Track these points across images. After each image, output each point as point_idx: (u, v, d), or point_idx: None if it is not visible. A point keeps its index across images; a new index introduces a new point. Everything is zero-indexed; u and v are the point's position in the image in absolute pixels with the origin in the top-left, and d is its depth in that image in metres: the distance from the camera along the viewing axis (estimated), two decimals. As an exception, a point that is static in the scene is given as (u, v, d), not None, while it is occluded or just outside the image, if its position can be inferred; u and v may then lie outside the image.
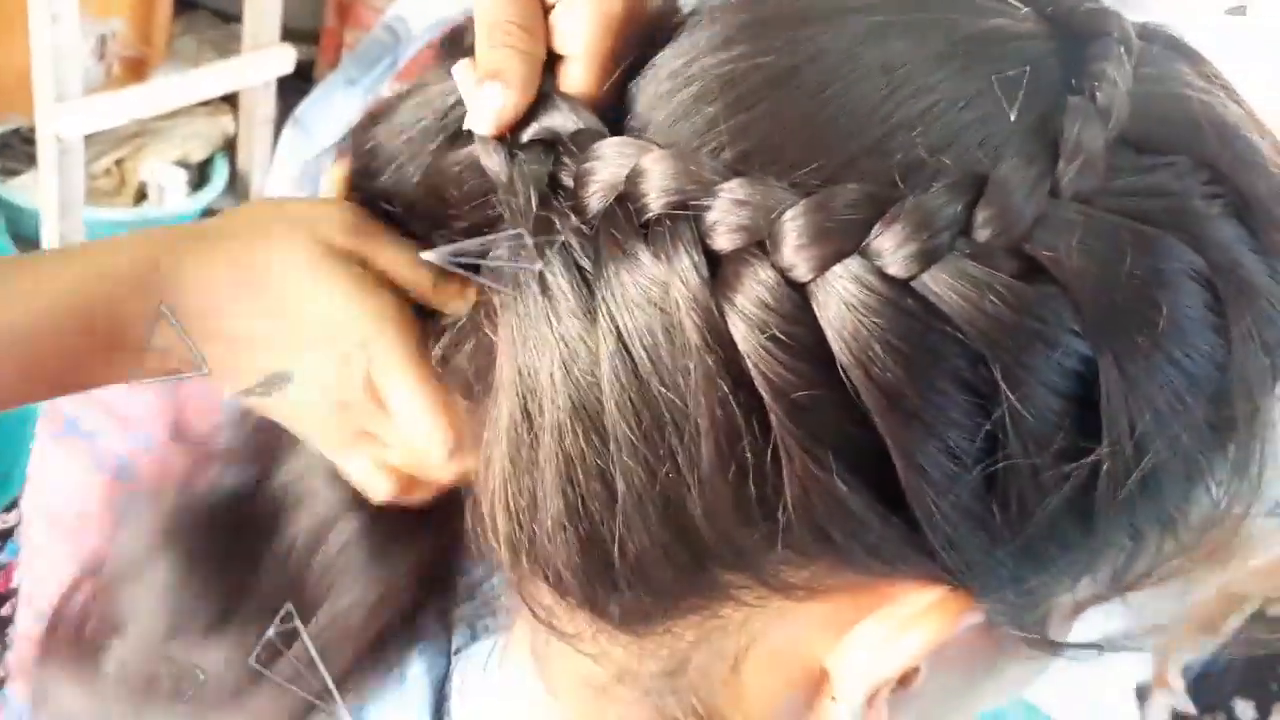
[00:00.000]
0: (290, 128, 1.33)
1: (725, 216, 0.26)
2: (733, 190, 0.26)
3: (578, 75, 0.31)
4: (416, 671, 0.41)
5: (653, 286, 0.26)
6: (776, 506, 0.26)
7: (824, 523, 0.26)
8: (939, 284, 0.25)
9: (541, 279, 0.28)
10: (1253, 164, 0.28)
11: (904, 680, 0.29)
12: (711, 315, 0.26)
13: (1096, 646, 0.31)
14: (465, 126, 0.32)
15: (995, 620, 0.28)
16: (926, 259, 0.24)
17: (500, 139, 0.31)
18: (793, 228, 0.25)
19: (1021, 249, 0.25)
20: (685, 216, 0.26)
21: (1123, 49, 0.28)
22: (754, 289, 0.25)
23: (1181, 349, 0.26)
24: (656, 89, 0.30)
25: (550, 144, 0.30)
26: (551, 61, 0.32)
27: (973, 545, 0.26)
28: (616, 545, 0.28)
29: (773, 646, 0.30)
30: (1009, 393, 0.25)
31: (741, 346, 0.25)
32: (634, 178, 0.27)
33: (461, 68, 0.32)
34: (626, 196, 0.27)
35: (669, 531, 0.27)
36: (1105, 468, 0.26)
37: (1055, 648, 0.30)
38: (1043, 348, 0.25)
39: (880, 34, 0.28)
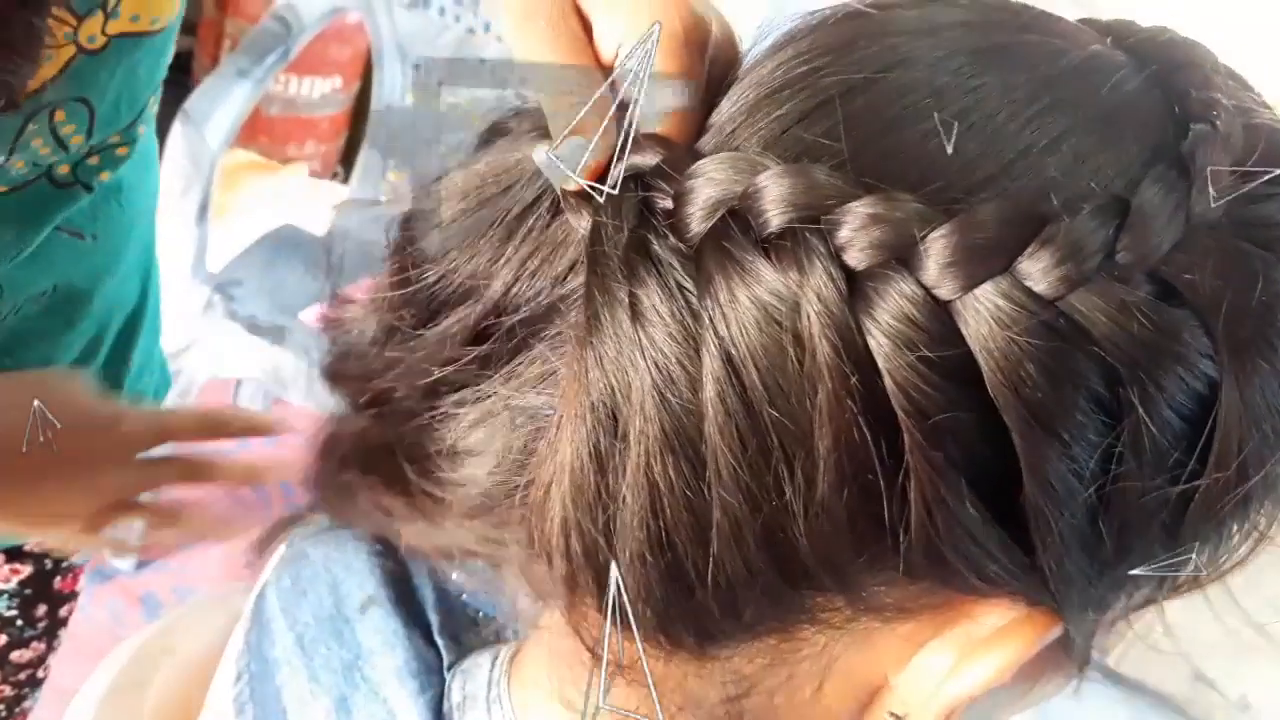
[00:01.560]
0: (180, 122, 1.27)
1: (861, 233, 0.25)
2: (865, 205, 0.25)
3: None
4: (403, 695, 0.39)
5: (776, 303, 0.25)
6: (889, 529, 0.25)
7: (943, 544, 0.26)
8: (1086, 304, 0.25)
9: (632, 303, 0.26)
10: None
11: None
12: (849, 332, 0.25)
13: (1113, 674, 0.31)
14: (558, 189, 0.30)
15: (1071, 639, 0.28)
16: (1076, 281, 0.25)
17: (587, 194, 0.29)
18: (941, 245, 0.25)
19: (1159, 273, 0.25)
20: (817, 231, 0.25)
21: (1220, 81, 0.29)
22: (897, 306, 0.25)
23: None
24: (742, 111, 0.29)
25: (638, 178, 0.29)
26: (624, 111, 0.31)
27: (1077, 565, 0.26)
28: (705, 575, 0.27)
29: (848, 668, 0.29)
30: (1142, 412, 0.25)
31: (884, 365, 0.25)
32: (751, 194, 0.26)
33: (538, 149, 0.31)
34: (741, 212, 0.26)
35: (765, 558, 0.26)
36: (1204, 487, 0.26)
37: (1092, 663, 0.30)
38: (1178, 369, 0.25)
39: (983, 57, 0.28)
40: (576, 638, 0.30)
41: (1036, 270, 0.25)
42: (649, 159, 0.29)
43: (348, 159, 2.12)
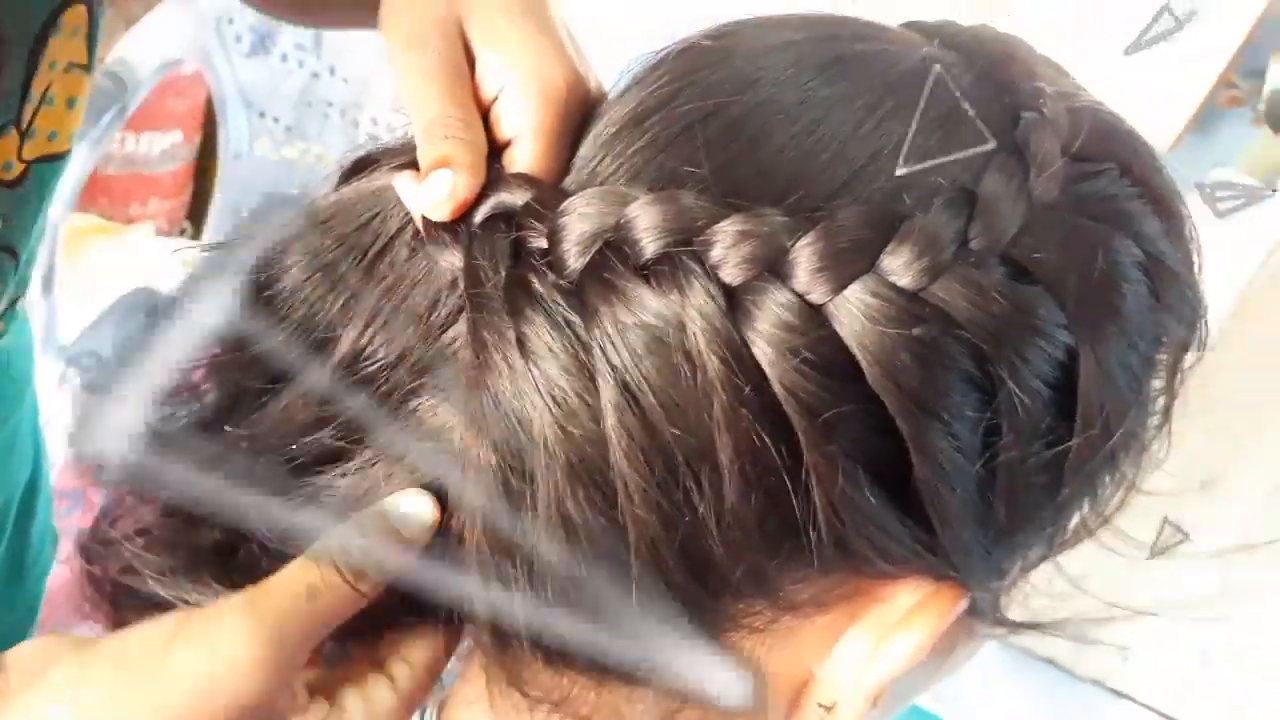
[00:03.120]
0: (12, 189, 1.21)
1: (732, 250, 0.26)
2: (734, 224, 0.26)
3: (526, 153, 0.31)
4: None
5: (661, 326, 0.26)
6: (800, 527, 0.26)
7: (849, 535, 0.27)
8: (947, 292, 0.26)
9: (520, 342, 0.27)
10: (1156, 165, 0.32)
11: None
12: (734, 345, 0.26)
13: (1038, 625, 0.32)
14: (419, 220, 0.30)
15: (977, 605, 0.29)
16: (936, 271, 0.26)
17: (453, 229, 0.30)
18: (807, 254, 0.26)
19: (1009, 255, 0.27)
20: (691, 253, 0.26)
21: (1043, 71, 0.31)
22: (775, 315, 0.26)
23: (1137, 333, 0.29)
24: (604, 145, 0.30)
25: (508, 217, 0.29)
26: (496, 152, 0.31)
27: (974, 536, 0.28)
28: (630, 600, 0.27)
29: (773, 668, 0.30)
30: (1012, 385, 0.26)
31: (770, 372, 0.26)
32: (623, 224, 0.27)
33: (402, 177, 0.30)
34: (617, 243, 0.27)
35: (685, 574, 0.27)
36: (1076, 447, 0.28)
37: (1011, 626, 0.31)
38: (1038, 341, 0.27)
39: (826, 71, 0.30)
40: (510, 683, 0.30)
41: (898, 266, 0.26)
42: (517, 197, 0.29)
43: (195, 214, 2.06)
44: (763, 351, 0.26)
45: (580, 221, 0.28)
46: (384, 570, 0.29)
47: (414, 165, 0.31)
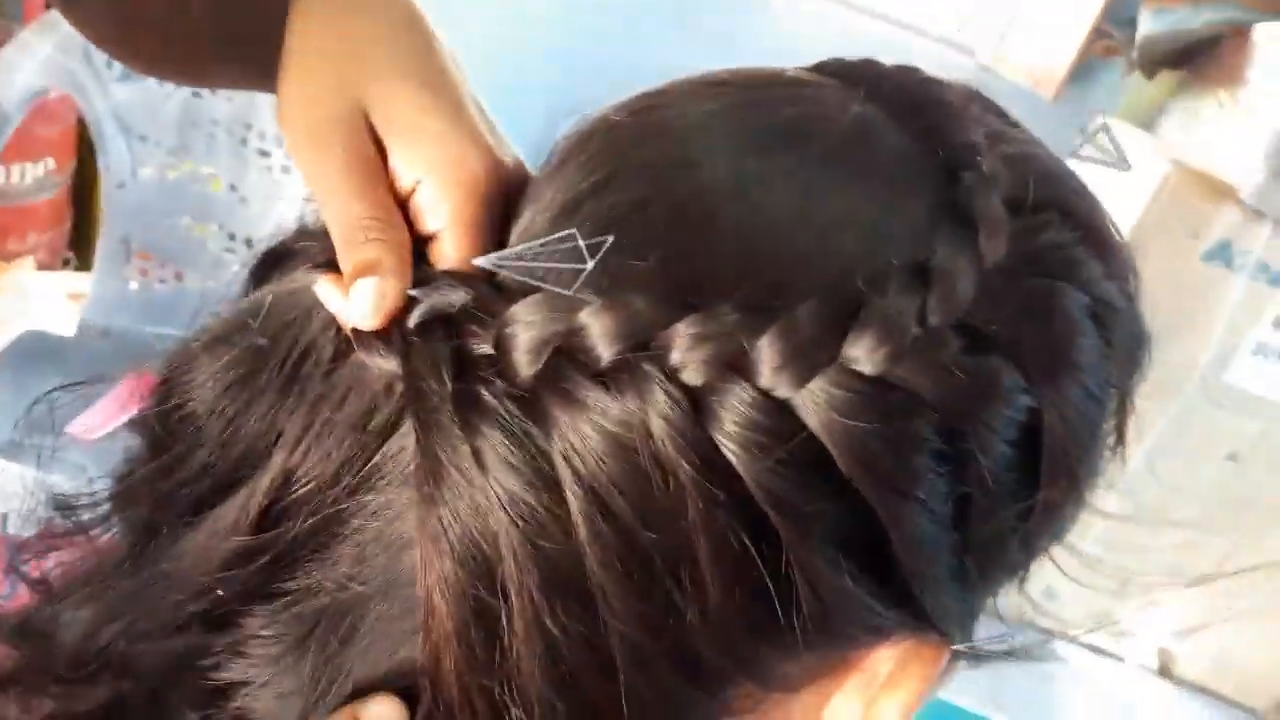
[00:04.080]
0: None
1: (690, 353, 0.26)
2: (690, 326, 0.26)
3: (451, 247, 0.30)
4: None
5: (625, 432, 0.25)
6: (784, 612, 0.26)
7: (834, 617, 0.27)
8: (911, 373, 0.26)
9: (476, 456, 0.26)
10: (1092, 202, 0.32)
11: None
12: (704, 448, 0.25)
13: (1009, 654, 0.33)
14: (348, 329, 0.29)
15: (957, 650, 0.30)
16: (898, 354, 0.26)
17: (385, 335, 0.28)
18: (769, 353, 0.26)
19: (965, 324, 0.27)
20: (648, 357, 0.26)
21: (972, 115, 0.31)
22: (741, 414, 0.25)
23: (1093, 380, 0.29)
24: (537, 237, 0.28)
25: (445, 320, 0.28)
26: (419, 245, 0.30)
27: (951, 595, 0.28)
28: (620, 705, 0.26)
29: None
30: (980, 455, 0.27)
31: (743, 472, 0.25)
32: (575, 331, 0.26)
33: (324, 283, 0.29)
34: (569, 350, 0.26)
35: (675, 675, 0.27)
36: (1044, 497, 0.28)
37: (982, 658, 0.32)
38: (1001, 409, 0.27)
39: (759, 145, 0.29)
40: None
41: (860, 354, 0.26)
42: (453, 299, 0.28)
43: (76, 243, 1.97)
44: (733, 452, 0.25)
45: (528, 329, 0.27)
46: None
47: (331, 262, 0.30)
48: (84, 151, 1.84)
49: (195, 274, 1.36)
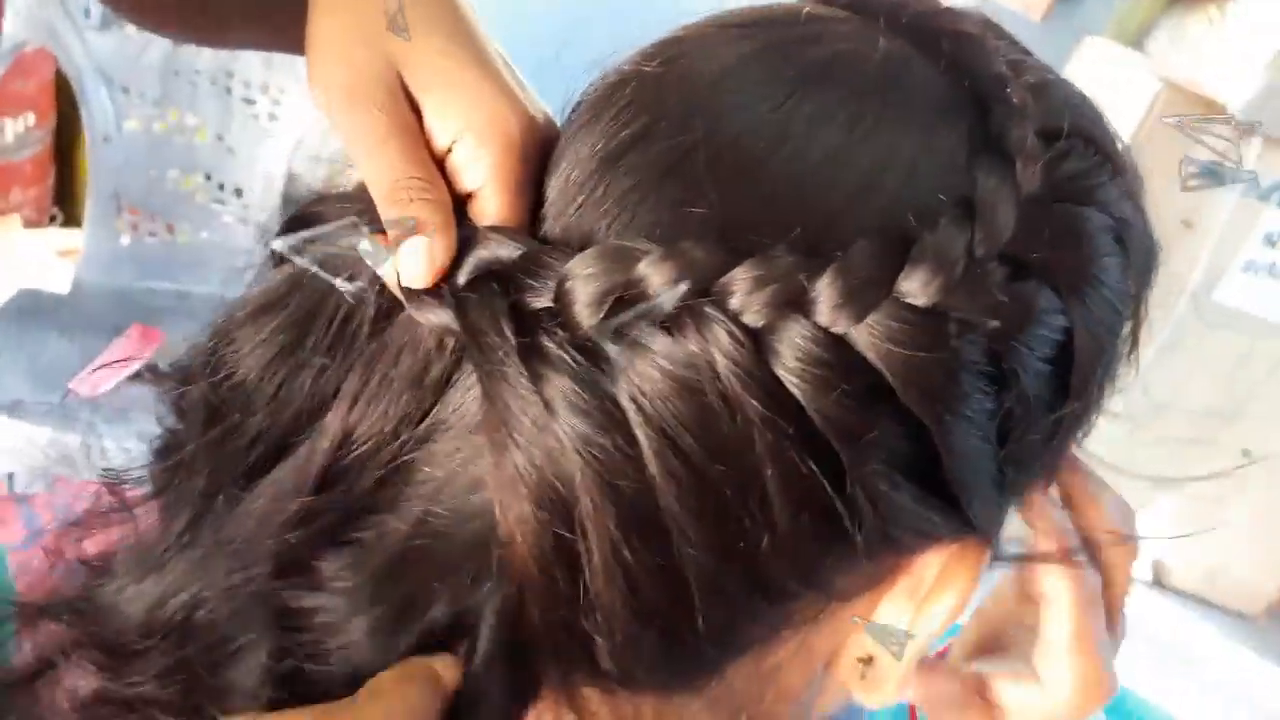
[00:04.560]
0: None
1: (751, 296, 0.27)
2: (748, 271, 0.27)
3: (492, 204, 0.30)
4: None
5: (692, 375, 0.26)
6: (848, 528, 0.27)
7: (891, 528, 0.28)
8: (961, 303, 0.27)
9: (546, 403, 0.27)
10: (1106, 127, 0.33)
11: None
12: (769, 384, 0.26)
13: (1029, 557, 0.35)
14: (395, 287, 0.29)
15: (994, 554, 0.32)
16: (949, 286, 0.27)
17: (435, 292, 0.29)
18: (827, 293, 0.27)
19: (1006, 253, 0.28)
20: (710, 303, 0.27)
21: (992, 45, 0.31)
22: (804, 351, 0.27)
23: (1117, 295, 0.31)
24: (583, 192, 0.29)
25: (495, 275, 0.29)
26: (459, 205, 0.30)
27: (992, 502, 0.30)
28: (696, 627, 0.28)
29: (816, 648, 0.32)
30: (1020, 373, 0.28)
31: (808, 407, 0.26)
32: (636, 282, 0.27)
33: (369, 246, 0.29)
34: (631, 300, 0.27)
35: (747, 594, 0.28)
36: (1074, 407, 0.30)
37: (1012, 560, 0.34)
38: (1040, 330, 0.29)
39: (793, 89, 0.29)
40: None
41: (914, 288, 0.27)
42: (503, 253, 0.29)
43: (62, 199, 1.95)
44: (796, 387, 0.26)
45: (589, 282, 0.27)
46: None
47: (364, 222, 0.30)
48: (63, 105, 1.81)
49: (186, 226, 1.36)
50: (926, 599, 0.31)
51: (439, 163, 0.31)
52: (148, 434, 0.35)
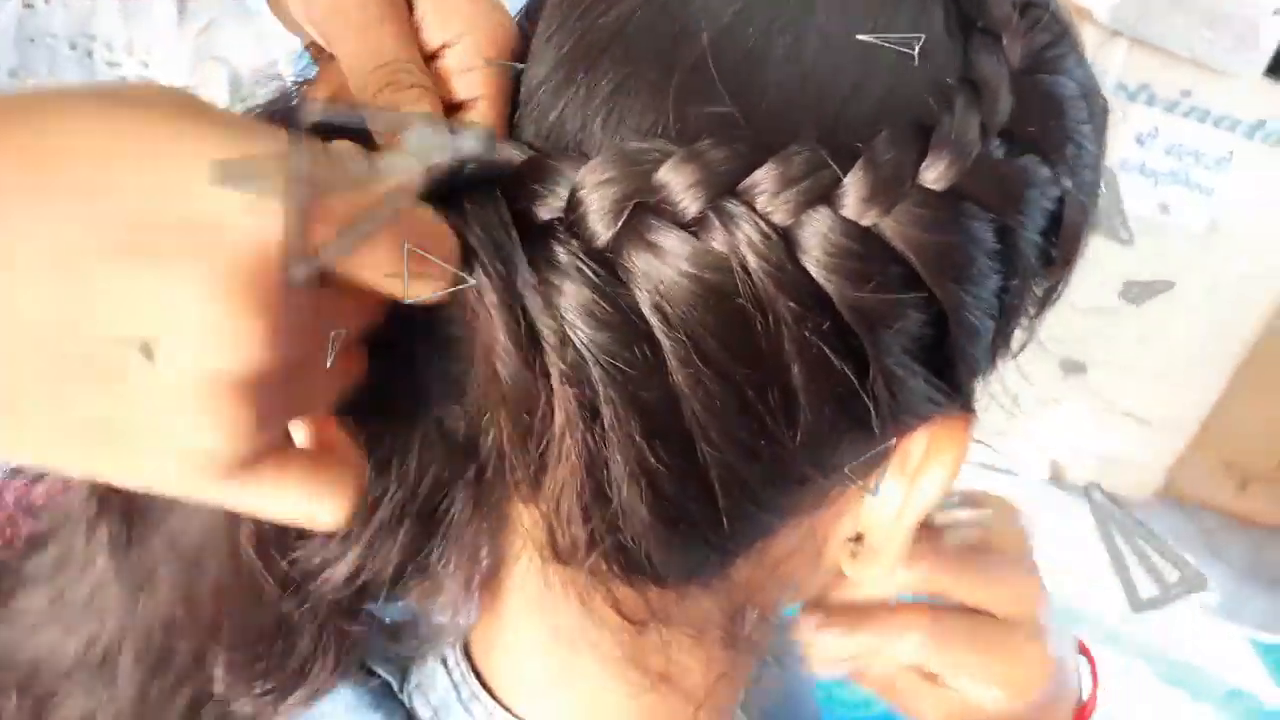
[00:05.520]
0: None
1: (778, 196, 0.26)
2: (772, 170, 0.26)
3: (485, 120, 0.28)
4: None
5: (716, 278, 0.26)
6: (867, 416, 0.28)
7: (903, 410, 0.29)
8: (974, 184, 0.28)
9: (561, 315, 0.26)
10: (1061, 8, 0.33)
11: None
12: (799, 280, 0.26)
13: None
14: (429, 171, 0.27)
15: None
16: (964, 170, 0.27)
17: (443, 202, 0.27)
18: (854, 188, 0.27)
19: (1004, 130, 0.28)
20: (738, 204, 0.26)
21: None
22: (833, 244, 0.26)
23: (1094, 161, 0.32)
24: (566, 94, 0.28)
25: (497, 185, 0.27)
26: (447, 114, 0.29)
27: (983, 371, 0.31)
28: (719, 525, 0.29)
29: (817, 534, 0.33)
30: (1023, 246, 0.29)
31: (837, 298, 0.27)
32: (656, 188, 0.26)
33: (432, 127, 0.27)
34: (653, 205, 0.26)
35: (769, 491, 0.29)
36: (1061, 277, 0.31)
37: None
38: (1039, 200, 0.29)
39: None
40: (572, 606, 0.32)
41: (935, 175, 0.27)
42: (510, 155, 0.28)
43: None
44: (828, 280, 0.26)
45: (605, 188, 0.26)
46: None
47: (326, 129, 0.28)
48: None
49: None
50: (918, 473, 0.32)
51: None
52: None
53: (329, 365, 0.25)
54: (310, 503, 0.26)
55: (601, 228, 0.27)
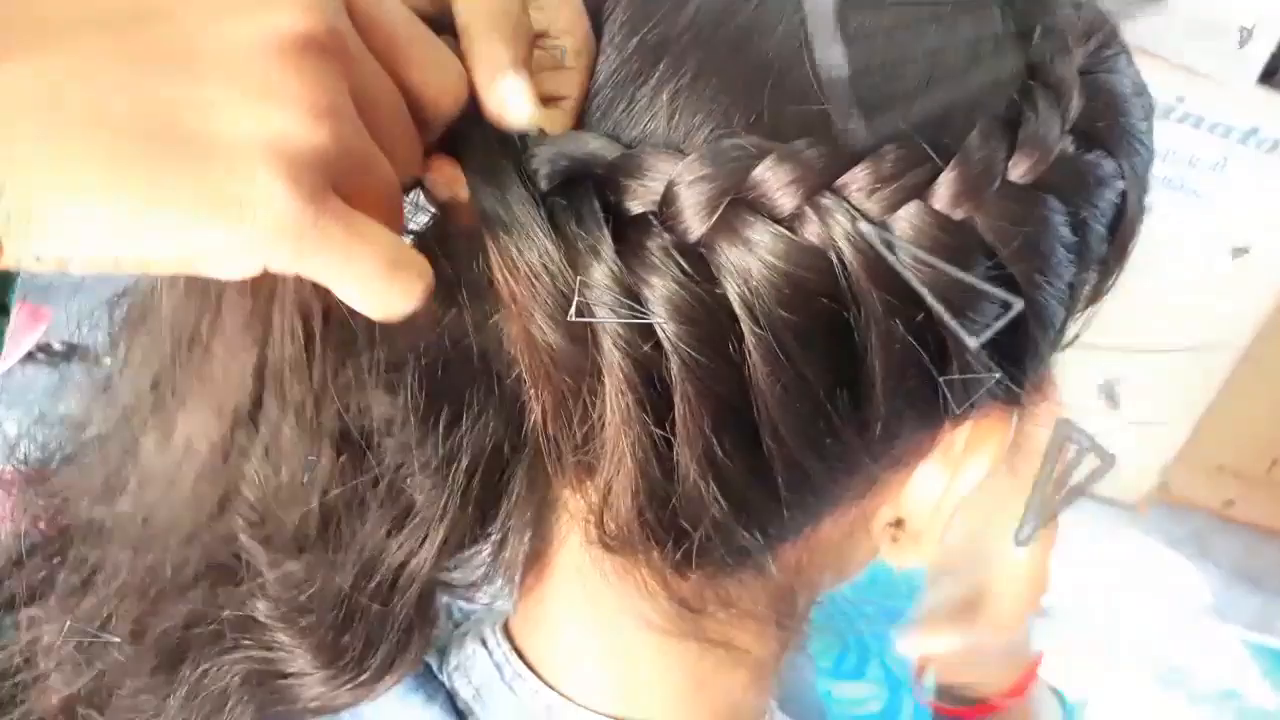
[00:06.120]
0: None
1: (874, 194, 0.27)
2: (868, 168, 0.27)
3: (569, 121, 0.29)
4: (414, 711, 0.37)
5: (809, 275, 0.27)
6: (939, 408, 0.29)
7: (970, 401, 0.29)
8: (1055, 178, 0.28)
9: (646, 306, 0.27)
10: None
11: None
12: (893, 275, 0.27)
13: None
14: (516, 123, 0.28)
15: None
16: (1045, 164, 0.28)
17: (509, 185, 0.27)
18: (947, 186, 0.27)
19: (1075, 127, 0.29)
20: (834, 201, 0.27)
21: None
22: (927, 238, 0.27)
23: (1150, 156, 0.32)
24: (627, 93, 0.29)
25: (589, 180, 0.28)
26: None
27: (1046, 361, 0.32)
28: (781, 512, 0.29)
29: (864, 518, 0.33)
30: (1093, 238, 0.30)
31: (933, 292, 0.27)
32: (753, 184, 0.27)
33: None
34: (748, 202, 0.27)
35: (830, 479, 0.30)
36: (1117, 268, 0.32)
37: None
38: (1106, 193, 0.30)
39: None
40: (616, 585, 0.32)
41: (1022, 170, 0.28)
42: (601, 152, 0.28)
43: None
44: (923, 274, 0.27)
45: (702, 185, 0.27)
46: None
47: None
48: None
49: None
50: (961, 461, 0.32)
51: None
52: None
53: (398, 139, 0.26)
54: (383, 278, 0.25)
55: (696, 222, 0.27)
